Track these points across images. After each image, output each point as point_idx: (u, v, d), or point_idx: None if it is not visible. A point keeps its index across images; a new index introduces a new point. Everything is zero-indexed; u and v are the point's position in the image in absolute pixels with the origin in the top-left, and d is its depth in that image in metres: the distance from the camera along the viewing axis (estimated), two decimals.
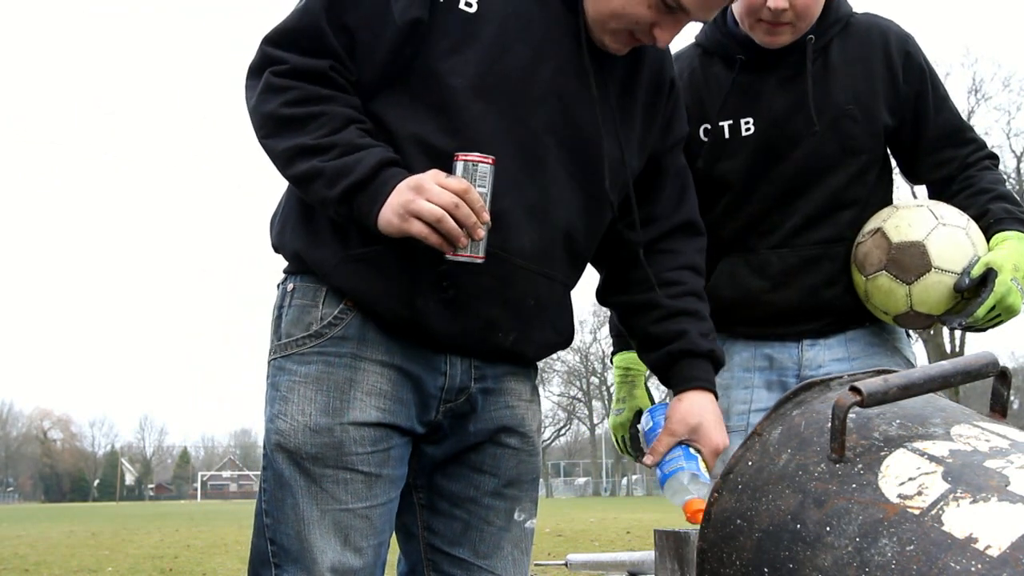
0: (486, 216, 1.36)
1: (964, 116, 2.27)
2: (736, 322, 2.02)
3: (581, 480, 62.91)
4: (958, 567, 0.91)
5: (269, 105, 1.43)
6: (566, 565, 3.26)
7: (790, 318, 2.00)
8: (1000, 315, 1.81)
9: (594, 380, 52.72)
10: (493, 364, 1.57)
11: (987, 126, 29.22)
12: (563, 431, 57.59)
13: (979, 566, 0.90)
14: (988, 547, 0.92)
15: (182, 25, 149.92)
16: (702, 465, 1.58)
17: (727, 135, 1.95)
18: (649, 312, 1.67)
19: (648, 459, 1.61)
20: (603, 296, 1.76)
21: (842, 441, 1.07)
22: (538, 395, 1.69)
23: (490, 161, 1.38)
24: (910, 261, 1.82)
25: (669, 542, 1.47)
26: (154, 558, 9.99)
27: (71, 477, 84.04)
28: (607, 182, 1.54)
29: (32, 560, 9.84)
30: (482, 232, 1.36)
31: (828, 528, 1.03)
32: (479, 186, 1.36)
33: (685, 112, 1.75)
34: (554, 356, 48.12)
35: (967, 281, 1.79)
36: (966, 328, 1.84)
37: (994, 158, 2.01)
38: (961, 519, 0.96)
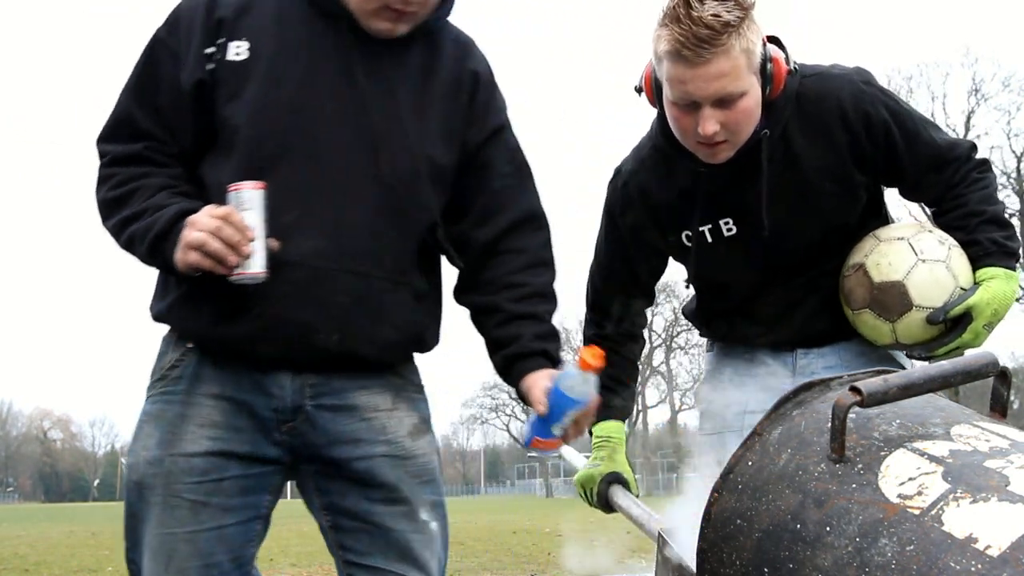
0: (251, 233, 1.48)
1: (964, 116, 2.24)
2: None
3: None
4: (958, 567, 0.91)
5: (100, 194, 1.62)
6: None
7: (785, 345, 2.05)
8: (959, 349, 1.87)
9: None
10: (330, 378, 1.62)
11: (987, 126, 29.21)
12: None
13: (979, 566, 0.90)
14: (988, 547, 0.92)
15: None
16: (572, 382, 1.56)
17: (710, 239, 1.94)
18: (492, 315, 1.72)
19: (541, 408, 1.59)
20: (456, 295, 1.79)
21: (842, 441, 1.07)
22: (406, 400, 1.69)
23: (259, 186, 1.50)
24: (892, 301, 1.85)
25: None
26: None
27: (71, 477, 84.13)
28: (366, 171, 1.60)
29: (32, 560, 9.86)
30: (247, 248, 1.47)
31: (828, 528, 1.03)
32: (245, 209, 1.48)
33: (498, 102, 1.76)
34: None
35: (942, 317, 1.83)
36: (925, 357, 1.90)
37: (983, 166, 1.95)
38: (961, 519, 0.96)
